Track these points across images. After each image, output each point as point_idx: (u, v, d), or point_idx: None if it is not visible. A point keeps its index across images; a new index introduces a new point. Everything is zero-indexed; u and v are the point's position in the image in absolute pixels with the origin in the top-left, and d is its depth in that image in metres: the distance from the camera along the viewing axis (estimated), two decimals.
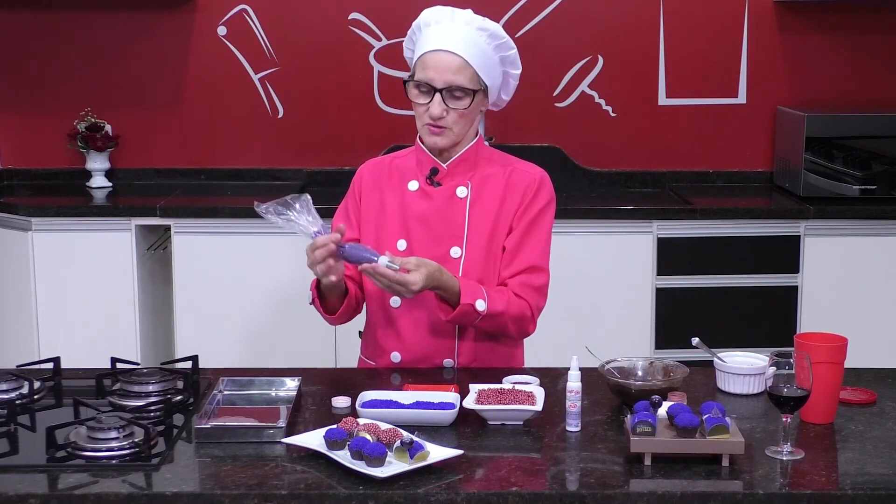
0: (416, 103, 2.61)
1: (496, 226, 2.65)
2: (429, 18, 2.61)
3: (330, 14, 4.73)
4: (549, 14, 4.73)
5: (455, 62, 2.56)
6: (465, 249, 2.64)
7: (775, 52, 4.77)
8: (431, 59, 2.57)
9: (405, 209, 2.67)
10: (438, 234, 2.65)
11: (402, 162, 2.73)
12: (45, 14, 4.72)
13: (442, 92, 2.56)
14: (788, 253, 4.31)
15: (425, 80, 2.57)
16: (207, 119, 4.80)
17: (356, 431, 2.08)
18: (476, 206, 2.66)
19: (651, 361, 2.49)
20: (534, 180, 2.68)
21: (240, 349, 4.27)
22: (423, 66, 2.58)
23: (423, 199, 2.66)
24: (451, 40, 2.56)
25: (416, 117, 2.64)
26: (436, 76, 2.56)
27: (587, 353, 2.49)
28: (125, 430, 2.11)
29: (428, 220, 2.65)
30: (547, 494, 1.95)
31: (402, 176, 2.70)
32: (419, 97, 2.60)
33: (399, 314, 2.66)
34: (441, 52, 2.56)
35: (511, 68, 2.66)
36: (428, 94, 2.57)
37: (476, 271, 2.64)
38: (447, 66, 2.55)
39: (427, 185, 2.67)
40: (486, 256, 2.65)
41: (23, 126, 4.80)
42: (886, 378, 2.56)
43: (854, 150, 4.45)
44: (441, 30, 2.58)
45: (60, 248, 4.25)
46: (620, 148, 4.82)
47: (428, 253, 2.63)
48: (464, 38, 2.57)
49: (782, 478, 2.01)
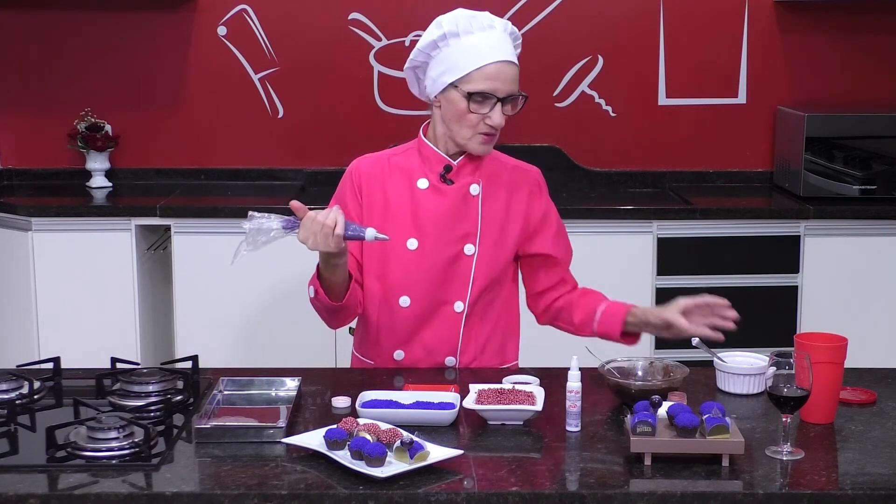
0: (470, 113, 2.58)
1: (505, 222, 2.68)
2: (466, 26, 2.58)
3: (330, 14, 4.73)
4: (549, 14, 4.73)
5: (514, 71, 2.60)
6: (478, 246, 2.66)
7: (775, 52, 4.77)
8: (494, 71, 2.56)
9: (416, 207, 2.65)
10: (453, 233, 2.65)
11: (401, 160, 2.71)
12: (45, 14, 4.72)
13: (504, 100, 2.57)
14: (788, 253, 4.31)
15: (488, 90, 2.56)
16: (207, 119, 4.80)
17: (356, 431, 2.08)
18: (487, 203, 2.67)
19: (651, 361, 2.50)
20: (535, 180, 2.75)
21: (240, 349, 4.27)
22: (486, 77, 2.56)
23: (436, 197, 2.66)
24: (505, 50, 2.59)
25: (463, 125, 2.59)
26: (500, 86, 2.56)
27: (587, 353, 2.50)
28: (125, 430, 2.11)
29: (442, 219, 2.65)
30: (547, 494, 1.95)
31: (406, 173, 2.68)
32: (477, 108, 2.57)
33: (408, 314, 2.66)
34: (502, 63, 2.57)
35: None
36: (486, 103, 2.57)
37: (488, 267, 2.67)
38: (510, 77, 2.58)
39: (440, 182, 2.67)
40: (497, 253, 2.68)
41: (23, 126, 4.80)
42: (886, 378, 2.56)
43: (854, 150, 4.45)
44: (488, 40, 2.58)
45: (60, 248, 4.25)
46: (620, 148, 4.82)
47: (442, 251, 2.64)
48: (510, 48, 2.61)
49: (782, 478, 2.01)
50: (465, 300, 2.66)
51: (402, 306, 2.66)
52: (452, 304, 2.66)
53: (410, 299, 2.65)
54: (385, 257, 2.66)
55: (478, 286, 2.66)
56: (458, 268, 2.65)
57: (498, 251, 2.68)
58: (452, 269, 2.65)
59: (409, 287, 2.65)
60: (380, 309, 2.69)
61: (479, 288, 2.66)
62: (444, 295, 2.66)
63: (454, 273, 2.65)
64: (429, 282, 2.65)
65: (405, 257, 2.65)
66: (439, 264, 2.64)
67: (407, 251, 2.64)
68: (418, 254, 2.64)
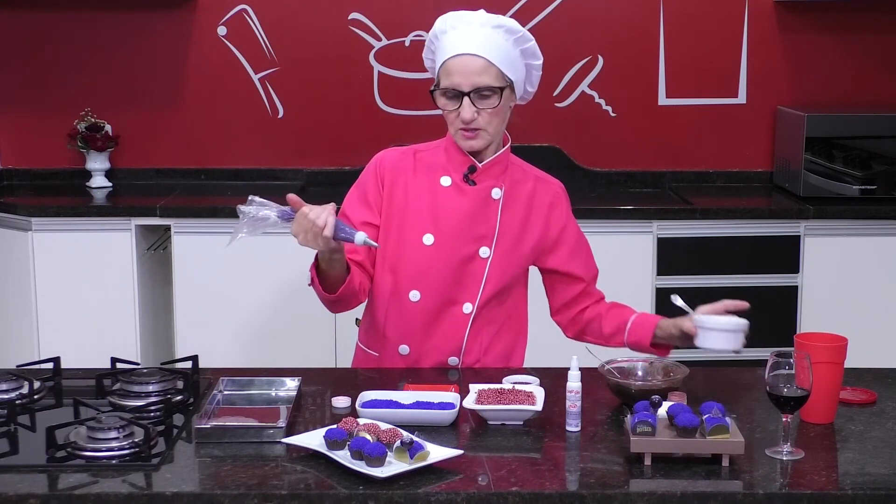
0: (446, 111, 2.60)
1: (523, 232, 2.69)
2: (444, 26, 2.61)
3: (330, 14, 4.73)
4: (549, 14, 4.73)
5: (478, 63, 2.56)
6: (493, 250, 2.66)
7: (775, 52, 4.77)
8: (454, 65, 2.56)
9: (436, 204, 2.66)
10: (470, 233, 2.65)
11: (427, 155, 2.72)
12: (45, 14, 4.72)
13: (470, 95, 2.56)
14: (788, 253, 4.31)
15: (451, 86, 2.56)
16: (207, 119, 4.80)
17: (356, 431, 2.08)
18: (507, 209, 2.67)
19: (651, 361, 2.50)
20: (557, 194, 2.75)
21: (240, 349, 4.27)
22: (447, 72, 2.57)
23: (458, 196, 2.66)
24: (471, 42, 2.56)
25: (448, 124, 2.63)
26: (461, 80, 2.55)
27: (587, 353, 2.50)
28: (125, 430, 2.11)
29: (461, 218, 2.65)
30: (547, 494, 1.95)
31: (430, 169, 2.69)
32: (448, 104, 2.59)
33: (417, 308, 2.65)
34: (463, 56, 2.55)
35: (532, 59, 2.67)
36: (456, 99, 2.57)
37: (500, 273, 2.67)
38: (471, 69, 2.55)
39: (462, 182, 2.67)
40: (510, 260, 2.68)
41: (23, 126, 4.80)
42: (886, 378, 2.56)
43: (854, 150, 4.45)
44: (458, 34, 2.58)
45: (60, 248, 4.25)
46: (620, 148, 4.82)
47: (458, 250, 2.64)
48: (482, 39, 2.57)
49: (782, 478, 2.01)
50: (474, 302, 2.66)
51: (412, 300, 2.66)
52: (461, 305, 2.67)
53: (420, 294, 2.65)
54: (400, 250, 2.66)
55: (488, 290, 2.67)
56: (471, 269, 2.66)
57: (512, 258, 2.68)
58: (465, 269, 2.65)
59: (420, 282, 2.65)
60: (389, 301, 2.68)
61: (489, 292, 2.67)
62: (454, 295, 2.66)
63: (466, 274, 2.66)
64: (440, 279, 2.65)
65: (420, 252, 2.65)
66: (453, 263, 2.65)
67: (422, 246, 2.65)
68: (433, 250, 2.64)
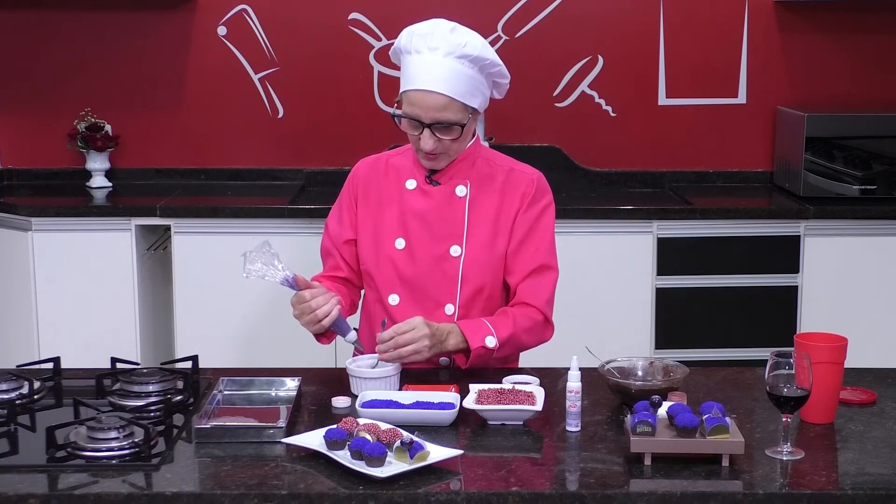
0: (408, 133, 2.60)
1: (496, 226, 2.66)
2: (409, 45, 2.57)
3: (330, 14, 4.73)
4: (549, 14, 4.73)
5: (439, 101, 2.52)
6: (464, 248, 2.65)
7: (775, 52, 4.77)
8: (416, 98, 2.54)
9: (403, 207, 2.67)
10: (438, 233, 2.65)
11: (398, 160, 2.74)
12: (45, 14, 4.72)
13: (431, 126, 2.54)
14: (788, 253, 4.31)
15: (413, 116, 2.55)
16: (207, 119, 4.80)
17: (356, 431, 2.08)
18: (475, 205, 2.66)
19: (651, 361, 2.49)
20: (531, 182, 2.69)
21: (240, 349, 4.27)
22: (409, 101, 2.55)
23: (422, 198, 2.67)
24: (433, 78, 2.51)
25: (412, 143, 2.63)
26: (422, 114, 2.54)
27: (587, 353, 2.49)
28: (125, 430, 2.11)
29: (427, 219, 2.66)
30: (547, 494, 1.95)
31: (399, 174, 2.71)
32: (410, 128, 2.58)
33: (398, 312, 2.66)
34: (425, 93, 2.52)
35: (500, 79, 2.65)
36: (418, 126, 2.56)
37: (477, 270, 2.65)
38: (433, 105, 2.52)
39: (425, 183, 2.67)
40: (488, 257, 2.66)
41: (23, 126, 4.80)
42: (886, 378, 2.56)
43: (854, 150, 4.45)
44: (423, 63, 2.53)
45: (60, 248, 4.25)
46: (620, 148, 4.82)
47: (427, 251, 2.64)
48: (445, 74, 2.51)
49: (782, 478, 2.01)
50: (454, 303, 2.66)
51: (392, 305, 2.67)
52: (443, 307, 2.66)
53: (399, 298, 2.66)
54: (376, 256, 2.68)
55: (468, 289, 2.66)
56: (445, 269, 2.65)
57: (488, 254, 2.66)
58: (439, 270, 2.65)
59: (397, 286, 2.67)
60: (375, 308, 2.71)
61: (469, 291, 2.66)
62: (433, 296, 2.66)
63: (442, 275, 2.65)
64: (416, 282, 2.66)
65: (393, 256, 2.67)
66: (425, 264, 2.65)
67: (395, 250, 2.66)
68: (405, 253, 2.66)
